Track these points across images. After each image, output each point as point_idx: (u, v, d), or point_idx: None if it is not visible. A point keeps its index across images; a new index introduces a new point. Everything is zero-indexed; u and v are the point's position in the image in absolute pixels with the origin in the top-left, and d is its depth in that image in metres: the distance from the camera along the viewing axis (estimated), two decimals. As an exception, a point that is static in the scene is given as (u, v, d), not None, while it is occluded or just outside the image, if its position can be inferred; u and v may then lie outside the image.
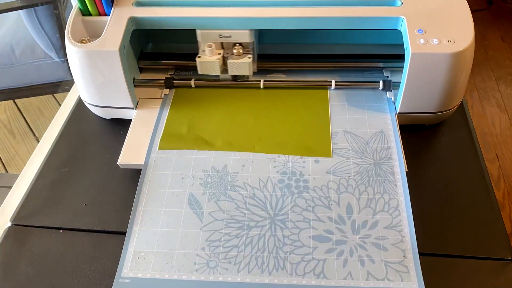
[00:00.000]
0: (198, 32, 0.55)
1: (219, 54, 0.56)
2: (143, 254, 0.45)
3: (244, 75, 0.58)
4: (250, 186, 0.49)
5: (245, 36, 0.55)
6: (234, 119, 0.56)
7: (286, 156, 0.51)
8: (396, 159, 0.50)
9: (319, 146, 0.52)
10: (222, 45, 0.57)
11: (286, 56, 0.63)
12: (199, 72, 0.58)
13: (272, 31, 0.62)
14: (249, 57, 0.56)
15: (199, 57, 0.57)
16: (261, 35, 0.65)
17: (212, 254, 0.44)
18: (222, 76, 0.59)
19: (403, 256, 0.43)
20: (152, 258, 0.44)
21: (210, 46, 0.56)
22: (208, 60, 0.56)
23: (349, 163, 0.50)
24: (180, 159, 0.51)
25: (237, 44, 0.56)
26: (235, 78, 0.60)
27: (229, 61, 0.56)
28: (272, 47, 0.65)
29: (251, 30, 0.55)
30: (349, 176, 0.49)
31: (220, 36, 0.55)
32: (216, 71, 0.57)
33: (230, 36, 0.55)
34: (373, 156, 0.51)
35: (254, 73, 0.60)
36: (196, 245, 0.45)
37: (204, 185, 0.49)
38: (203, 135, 0.54)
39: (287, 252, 0.44)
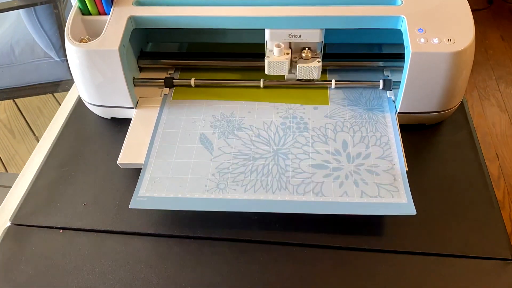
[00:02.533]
0: (267, 31, 0.54)
1: (287, 54, 0.56)
2: (158, 179, 0.49)
3: (311, 79, 0.59)
4: (255, 127, 0.55)
5: (315, 36, 0.54)
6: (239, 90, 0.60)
7: (288, 104, 0.57)
8: (387, 106, 0.56)
9: (318, 96, 0.58)
10: (290, 46, 0.57)
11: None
12: (267, 72, 0.57)
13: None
14: (319, 61, 0.56)
15: (267, 57, 0.56)
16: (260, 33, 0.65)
17: (222, 178, 0.49)
18: (288, 77, 0.59)
19: (394, 180, 0.48)
20: (166, 182, 0.49)
21: (279, 46, 0.55)
22: (276, 60, 0.55)
23: (344, 110, 0.56)
24: (192, 107, 0.57)
25: (307, 48, 0.56)
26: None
27: (299, 65, 0.56)
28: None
29: (321, 29, 0.54)
30: (344, 119, 0.55)
31: (290, 36, 0.55)
32: (284, 71, 0.56)
33: (300, 36, 0.55)
34: (366, 104, 0.57)
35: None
36: (207, 172, 0.50)
37: (214, 127, 0.55)
38: (212, 90, 0.60)
39: (288, 176, 0.49)
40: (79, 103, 0.63)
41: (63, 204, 0.51)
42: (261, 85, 0.59)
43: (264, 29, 0.54)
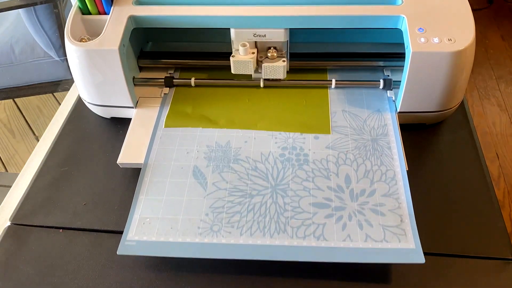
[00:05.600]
0: (232, 30, 0.55)
1: (253, 53, 0.56)
2: (148, 219, 0.46)
3: (277, 78, 0.58)
4: (252, 159, 0.51)
5: (279, 35, 0.54)
6: (237, 101, 0.58)
7: (287, 133, 0.53)
8: (392, 135, 0.52)
9: (318, 124, 0.54)
10: (256, 45, 0.57)
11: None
12: (233, 71, 0.57)
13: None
14: (284, 61, 0.56)
15: (233, 56, 0.56)
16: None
17: (216, 219, 0.46)
18: (254, 76, 0.59)
19: (400, 221, 0.45)
20: (157, 223, 0.46)
21: (244, 46, 0.55)
22: (242, 59, 0.56)
23: (347, 139, 0.52)
24: (185, 135, 0.54)
25: (272, 48, 0.57)
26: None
27: (264, 64, 0.56)
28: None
29: (286, 29, 0.54)
30: (347, 151, 0.51)
31: (255, 35, 0.55)
32: (250, 70, 0.57)
33: (264, 35, 0.55)
34: (370, 133, 0.53)
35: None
36: (200, 211, 0.46)
37: (208, 158, 0.51)
38: (207, 114, 0.56)
39: (288, 217, 0.45)
40: (79, 102, 0.63)
41: (63, 204, 0.51)
42: (261, 84, 0.59)
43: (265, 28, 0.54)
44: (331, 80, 0.58)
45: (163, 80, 0.60)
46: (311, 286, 0.44)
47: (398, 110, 0.55)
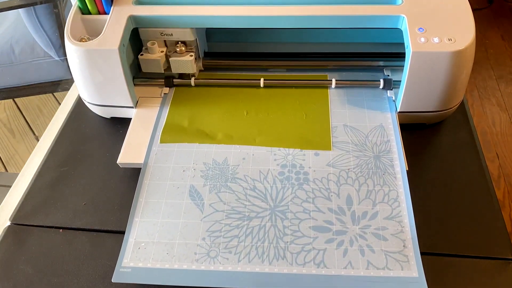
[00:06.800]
0: (140, 30, 0.56)
1: (162, 52, 0.57)
2: (143, 244, 0.45)
3: (188, 73, 0.59)
4: (250, 178, 0.49)
5: (186, 35, 0.56)
6: (235, 114, 0.56)
7: (286, 149, 0.52)
8: (395, 152, 0.51)
9: (319, 139, 0.52)
10: (165, 43, 0.58)
11: (287, 54, 0.63)
12: (143, 70, 0.59)
13: (275, 29, 0.62)
14: (191, 55, 0.57)
15: (141, 55, 0.58)
16: (264, 33, 0.65)
17: (213, 244, 0.44)
18: (167, 74, 0.60)
19: (403, 246, 0.44)
20: (152, 248, 0.45)
21: (152, 44, 0.57)
22: (150, 57, 0.57)
23: (349, 156, 0.51)
24: (181, 152, 0.52)
25: (179, 42, 0.57)
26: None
27: (171, 59, 0.57)
28: (273, 46, 0.65)
29: (192, 28, 0.56)
30: (349, 169, 0.50)
31: (162, 34, 0.56)
32: (159, 68, 0.58)
33: (171, 34, 0.56)
34: (373, 150, 0.51)
35: (201, 70, 0.61)
36: (197, 236, 0.45)
37: (205, 177, 0.49)
38: (204, 128, 0.54)
39: (287, 242, 0.44)
40: (79, 102, 0.63)
41: (63, 204, 0.51)
42: (261, 84, 0.59)
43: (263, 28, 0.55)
44: (331, 80, 0.58)
45: (163, 80, 0.60)
46: None
47: (398, 110, 0.55)
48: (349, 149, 0.51)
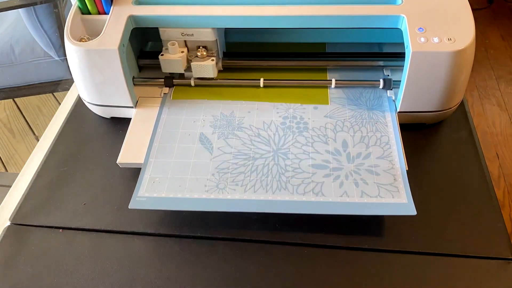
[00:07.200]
0: (161, 30, 0.56)
1: (182, 52, 0.58)
2: (158, 179, 0.49)
3: (208, 77, 0.60)
4: (255, 127, 0.54)
5: (207, 35, 0.56)
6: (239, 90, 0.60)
7: (288, 104, 0.57)
8: (387, 106, 0.56)
9: (317, 95, 0.58)
10: (186, 44, 0.58)
11: (286, 54, 0.63)
12: (163, 70, 0.59)
13: (275, 29, 0.62)
14: (212, 59, 0.58)
15: (161, 55, 0.58)
16: (264, 33, 0.65)
17: (221, 178, 0.49)
18: (187, 74, 0.60)
19: (394, 180, 0.48)
20: (166, 182, 0.49)
21: (173, 44, 0.57)
22: (171, 58, 0.57)
23: (344, 109, 0.56)
24: (192, 107, 0.57)
25: (201, 47, 0.58)
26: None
27: (193, 63, 0.58)
28: (273, 46, 0.65)
29: (213, 28, 0.56)
30: (344, 119, 0.55)
31: (183, 34, 0.56)
32: (180, 69, 0.58)
33: (192, 34, 0.56)
34: (367, 104, 0.56)
35: (220, 71, 0.62)
36: (207, 172, 0.50)
37: (214, 126, 0.55)
38: (212, 90, 0.60)
39: (288, 177, 0.49)
40: (79, 102, 0.63)
41: (63, 204, 0.51)
42: (261, 84, 0.59)
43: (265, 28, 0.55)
44: (331, 80, 0.58)
45: (163, 80, 0.60)
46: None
47: (398, 110, 0.55)
48: (345, 103, 0.57)
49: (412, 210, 0.45)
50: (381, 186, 0.47)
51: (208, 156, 0.51)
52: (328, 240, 0.47)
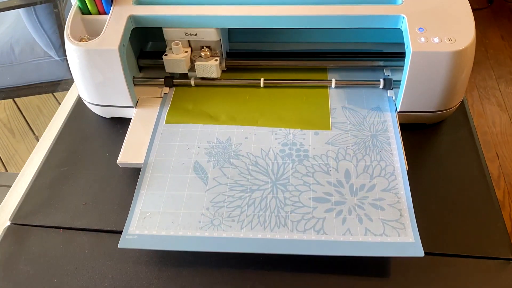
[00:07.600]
0: (165, 30, 0.56)
1: (186, 52, 0.58)
2: (149, 214, 0.46)
3: (212, 77, 0.59)
4: (252, 155, 0.51)
5: (211, 35, 0.56)
6: (237, 99, 0.58)
7: (287, 129, 0.54)
8: (391, 131, 0.53)
9: (318, 120, 0.55)
10: (189, 44, 0.58)
11: (286, 54, 0.63)
12: (166, 70, 0.59)
13: (275, 29, 0.62)
14: (216, 60, 0.58)
15: (165, 55, 0.58)
16: (265, 33, 0.65)
17: (216, 213, 0.46)
18: (190, 74, 0.60)
19: (400, 215, 0.45)
20: (158, 217, 0.46)
21: (176, 44, 0.57)
22: (174, 58, 0.57)
23: (347, 135, 0.53)
24: (186, 132, 0.54)
25: (204, 47, 0.58)
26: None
27: (196, 63, 0.57)
28: (273, 46, 0.65)
29: (217, 28, 0.55)
30: (347, 146, 0.52)
31: (186, 34, 0.56)
32: (183, 69, 0.58)
33: (196, 34, 0.56)
34: (370, 129, 0.53)
35: (223, 71, 0.61)
36: (201, 206, 0.47)
37: (209, 154, 0.51)
38: (208, 111, 0.57)
39: (288, 211, 0.46)
40: (79, 102, 0.63)
41: (63, 204, 0.51)
42: (261, 84, 0.59)
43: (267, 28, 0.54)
44: (331, 80, 0.58)
45: (163, 80, 0.60)
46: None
47: (398, 110, 0.55)
48: (347, 129, 0.53)
49: (419, 251, 0.42)
50: (386, 222, 0.44)
51: (203, 187, 0.48)
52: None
